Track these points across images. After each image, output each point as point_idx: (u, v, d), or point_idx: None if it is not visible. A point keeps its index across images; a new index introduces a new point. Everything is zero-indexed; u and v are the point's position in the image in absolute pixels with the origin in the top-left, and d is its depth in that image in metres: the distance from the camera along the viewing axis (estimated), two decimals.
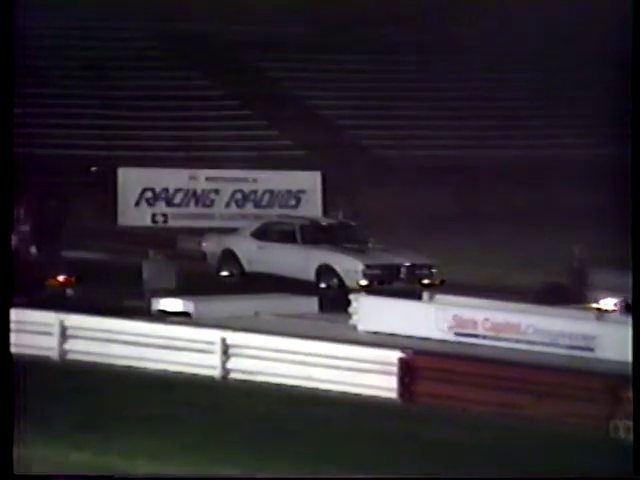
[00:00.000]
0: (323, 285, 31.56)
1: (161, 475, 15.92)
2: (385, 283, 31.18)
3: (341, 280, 31.59)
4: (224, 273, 33.50)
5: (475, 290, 30.37)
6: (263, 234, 33.66)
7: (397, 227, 36.81)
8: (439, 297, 29.56)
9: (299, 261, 32.34)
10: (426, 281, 31.29)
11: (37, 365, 25.91)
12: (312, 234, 33.11)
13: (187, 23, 50.58)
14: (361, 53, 51.01)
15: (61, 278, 31.42)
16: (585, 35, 49.38)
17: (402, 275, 31.52)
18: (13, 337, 26.40)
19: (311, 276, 31.97)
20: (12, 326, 26.67)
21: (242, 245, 33.70)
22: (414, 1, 51.05)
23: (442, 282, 31.20)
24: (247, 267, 33.35)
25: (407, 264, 31.70)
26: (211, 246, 34.41)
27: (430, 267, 31.72)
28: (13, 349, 25.66)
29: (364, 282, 31.20)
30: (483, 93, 50.72)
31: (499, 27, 50.16)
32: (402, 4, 50.92)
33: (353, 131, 49.60)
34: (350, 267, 31.73)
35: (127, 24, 50.43)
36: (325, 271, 31.92)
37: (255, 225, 34.69)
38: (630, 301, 27.89)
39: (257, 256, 33.20)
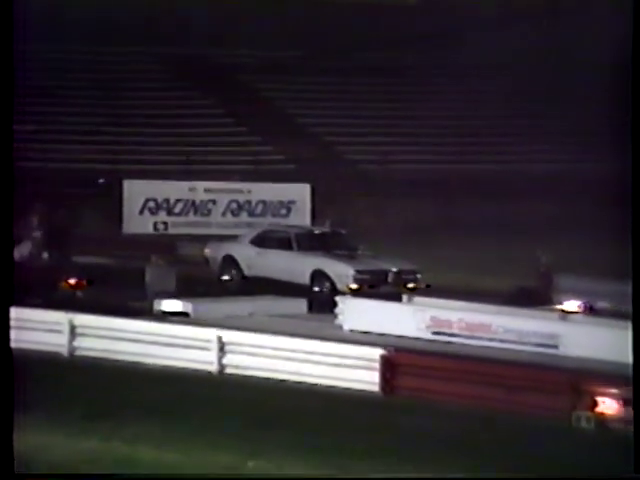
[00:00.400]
0: (317, 288, 31.48)
1: (161, 475, 15.32)
2: (374, 287, 31.11)
3: (333, 284, 31.49)
4: (225, 277, 33.40)
5: (451, 293, 30.33)
6: (261, 241, 33.57)
7: (381, 235, 36.74)
8: (418, 299, 29.61)
9: (295, 266, 32.21)
10: (411, 285, 31.19)
11: (48, 361, 26.01)
12: (306, 242, 33.04)
13: (189, 47, 50.53)
14: (348, 76, 50.99)
15: (72, 281, 31.44)
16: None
17: (389, 280, 31.42)
18: (25, 335, 26.49)
19: (306, 280, 31.86)
20: (25, 324, 26.84)
21: (242, 251, 33.59)
22: (397, 28, 50.94)
23: (427, 286, 31.13)
24: (247, 272, 33.25)
25: (394, 270, 31.62)
26: (213, 252, 34.27)
27: (415, 273, 31.64)
28: (25, 346, 25.70)
29: (354, 286, 31.15)
30: (461, 113, 50.67)
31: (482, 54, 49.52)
32: (386, 31, 50.84)
33: (339, 147, 49.68)
34: (342, 272, 31.66)
35: (133, 47, 50.37)
36: (319, 276, 31.81)
37: (254, 233, 34.59)
38: (593, 304, 28.06)
39: (256, 261, 33.08)
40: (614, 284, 29.57)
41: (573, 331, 26.59)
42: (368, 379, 24.16)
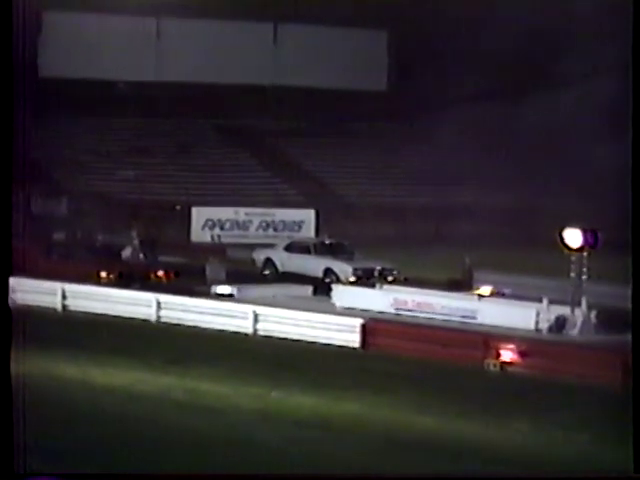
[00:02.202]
0: (327, 280, 30.63)
1: (161, 475, 13.78)
2: (366, 279, 30.39)
3: (338, 277, 30.86)
4: (266, 272, 32.78)
5: (410, 283, 29.84)
6: (290, 248, 33.04)
7: (360, 244, 36.33)
8: (385, 287, 29.25)
9: (312, 265, 31.66)
10: (390, 278, 30.41)
11: (138, 327, 25.72)
12: (320, 249, 32.54)
13: (233, 119, 50.25)
14: (339, 138, 50.69)
15: (160, 273, 31.11)
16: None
17: (376, 275, 30.68)
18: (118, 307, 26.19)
19: (319, 275, 31.23)
20: (121, 300, 26.57)
21: (277, 255, 33.01)
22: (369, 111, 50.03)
23: (405, 279, 30.21)
24: (280, 269, 32.62)
25: (379, 268, 30.99)
26: (258, 255, 33.65)
27: (393, 270, 30.93)
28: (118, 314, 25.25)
29: (352, 279, 30.57)
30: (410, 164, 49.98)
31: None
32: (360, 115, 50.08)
33: (333, 186, 49.32)
34: (344, 269, 31.08)
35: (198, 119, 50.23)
36: (328, 272, 31.23)
37: (285, 242, 34.07)
38: (499, 289, 27.94)
39: (286, 262, 32.51)
40: (514, 277, 29.72)
41: (486, 307, 26.47)
42: (352, 339, 24.05)
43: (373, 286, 29.39)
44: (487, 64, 44.20)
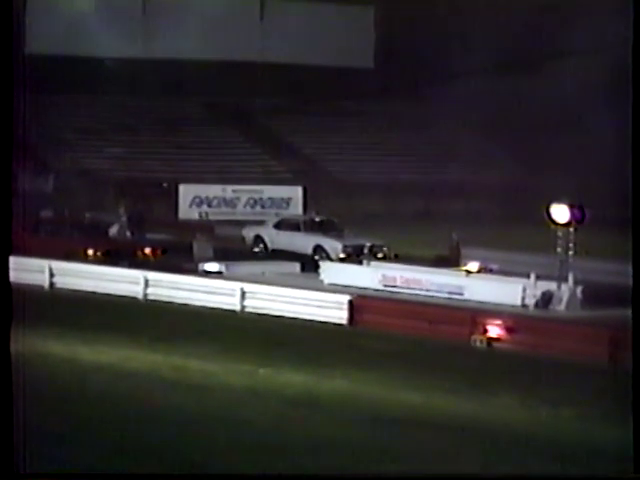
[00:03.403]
0: (317, 257, 30.67)
1: (161, 475, 13.74)
2: (355, 256, 30.37)
3: (328, 254, 30.89)
4: (255, 249, 32.74)
5: (399, 259, 29.90)
6: (280, 225, 33.02)
7: (350, 221, 36.25)
8: (373, 263, 29.18)
9: (302, 242, 31.63)
10: (380, 255, 30.42)
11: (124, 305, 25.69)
12: (310, 226, 32.48)
13: (220, 96, 50.16)
14: (327, 116, 50.68)
15: (147, 251, 31.09)
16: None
17: (365, 251, 30.68)
18: (108, 285, 26.17)
19: (309, 252, 31.26)
20: (107, 278, 26.48)
21: (267, 232, 33.00)
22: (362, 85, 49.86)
23: (396, 256, 30.17)
24: (270, 246, 32.64)
25: (369, 245, 30.95)
26: (247, 233, 33.62)
27: (382, 247, 30.91)
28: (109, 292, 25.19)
29: (342, 255, 30.58)
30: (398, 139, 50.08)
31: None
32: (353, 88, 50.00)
33: (321, 163, 49.50)
34: (334, 246, 31.06)
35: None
36: (318, 249, 31.22)
37: (275, 220, 33.99)
38: (486, 266, 27.97)
39: (276, 239, 32.51)
40: (501, 253, 29.78)
41: (472, 283, 26.51)
42: (340, 316, 24.09)
43: (361, 263, 29.34)
44: (474, 41, 44.10)
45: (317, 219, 33.25)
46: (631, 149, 12.53)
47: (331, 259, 30.33)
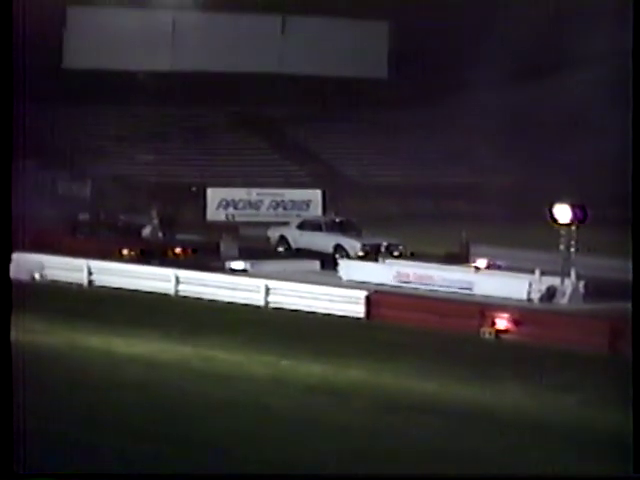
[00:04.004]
0: (337, 256, 30.33)
1: (161, 475, 12.86)
2: (373, 255, 30.09)
3: (347, 253, 30.63)
4: (280, 249, 32.54)
5: (414, 257, 29.71)
6: (303, 226, 32.77)
7: (366, 222, 36.17)
8: (388, 260, 29.13)
9: (323, 242, 31.36)
10: (396, 253, 30.14)
11: (158, 299, 25.64)
12: (331, 226, 32.21)
13: (245, 105, 50.11)
14: (344, 124, 50.62)
15: (178, 250, 31.02)
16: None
17: (382, 250, 30.39)
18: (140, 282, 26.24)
19: (330, 250, 30.96)
20: (142, 275, 26.60)
21: (290, 232, 32.76)
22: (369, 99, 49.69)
23: (412, 254, 29.86)
24: (293, 245, 32.41)
25: (385, 244, 30.65)
26: (272, 233, 33.35)
27: (398, 245, 30.63)
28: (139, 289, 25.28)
29: (361, 254, 30.35)
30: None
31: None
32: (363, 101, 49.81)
33: (339, 167, 49.42)
34: (353, 245, 30.83)
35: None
36: (338, 248, 30.96)
37: (298, 221, 33.78)
38: (494, 262, 27.92)
39: (299, 239, 32.27)
40: (508, 250, 29.68)
41: (481, 279, 26.45)
42: (357, 310, 23.97)
43: (377, 260, 29.23)
44: (481, 52, 43.97)
45: (337, 220, 33.09)
46: (631, 151, 12.30)
47: (350, 257, 30.20)
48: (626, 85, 12.75)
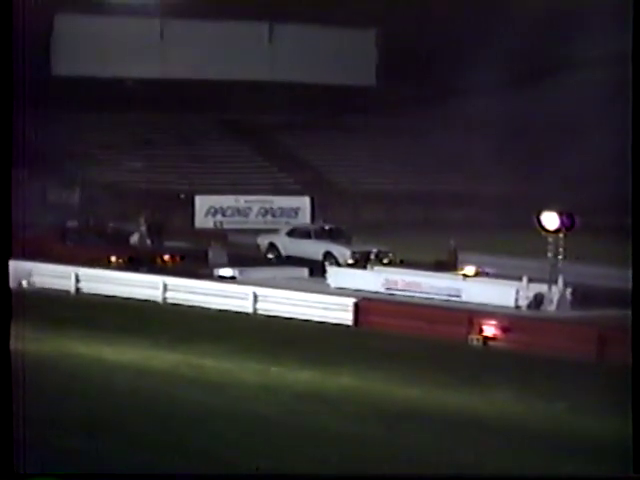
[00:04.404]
0: (326, 263, 30.18)
1: (161, 475, 12.81)
2: (363, 262, 30.01)
3: (337, 260, 30.63)
4: (270, 256, 32.48)
5: (404, 264, 29.70)
6: (292, 233, 32.76)
7: (355, 229, 36.04)
8: (376, 268, 29.11)
9: (313, 249, 31.30)
10: (386, 260, 30.04)
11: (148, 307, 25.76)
12: (320, 234, 32.20)
13: (233, 113, 50.09)
14: (333, 131, 50.62)
15: (166, 257, 30.98)
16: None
17: (372, 257, 30.23)
18: (134, 290, 26.21)
19: (319, 258, 30.92)
20: (132, 283, 26.57)
21: (280, 240, 32.69)
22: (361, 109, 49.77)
23: (401, 261, 29.79)
24: (283, 253, 32.38)
25: (375, 251, 30.52)
26: (262, 240, 33.29)
27: (388, 253, 30.51)
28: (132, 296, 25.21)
29: (351, 261, 30.29)
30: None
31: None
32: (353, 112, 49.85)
33: (327, 175, 49.38)
34: (343, 252, 30.80)
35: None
36: (328, 255, 30.93)
37: (288, 228, 33.75)
38: (482, 270, 27.90)
39: (289, 246, 32.19)
40: (496, 258, 29.71)
41: (469, 286, 26.48)
42: (346, 317, 24.03)
43: (365, 268, 29.21)
44: (471, 58, 44.00)
45: (327, 227, 33.06)
46: (630, 156, 12.08)
47: (340, 265, 30.23)
48: (624, 89, 12.66)
